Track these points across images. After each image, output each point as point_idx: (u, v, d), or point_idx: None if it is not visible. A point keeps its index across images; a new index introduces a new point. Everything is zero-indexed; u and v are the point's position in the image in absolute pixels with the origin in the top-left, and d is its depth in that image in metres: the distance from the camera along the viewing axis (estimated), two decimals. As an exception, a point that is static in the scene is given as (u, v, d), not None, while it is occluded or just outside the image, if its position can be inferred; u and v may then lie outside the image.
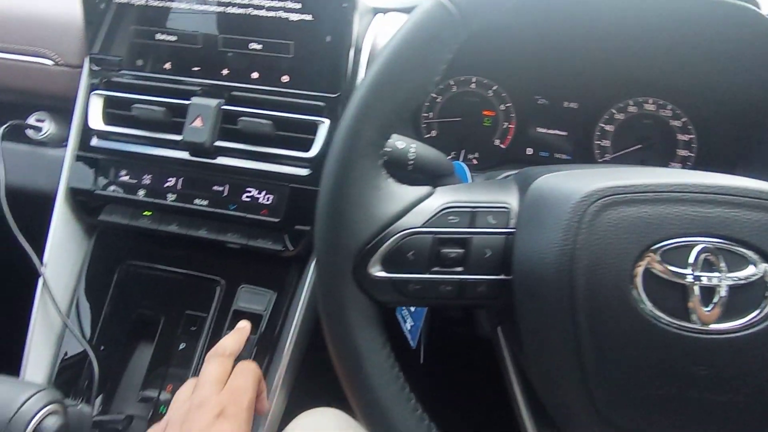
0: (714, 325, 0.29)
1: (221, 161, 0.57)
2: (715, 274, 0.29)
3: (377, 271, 0.33)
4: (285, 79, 0.56)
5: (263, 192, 0.57)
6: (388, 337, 0.35)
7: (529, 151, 0.65)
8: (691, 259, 0.29)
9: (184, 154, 0.58)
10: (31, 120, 0.66)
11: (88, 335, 0.60)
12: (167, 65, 0.59)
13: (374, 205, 0.33)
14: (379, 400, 0.33)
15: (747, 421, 0.30)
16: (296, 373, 0.61)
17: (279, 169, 0.56)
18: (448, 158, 0.49)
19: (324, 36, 0.54)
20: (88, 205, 0.62)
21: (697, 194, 0.30)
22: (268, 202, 0.57)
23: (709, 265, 0.29)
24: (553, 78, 0.63)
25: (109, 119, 0.60)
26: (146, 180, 0.59)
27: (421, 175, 0.47)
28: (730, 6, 0.45)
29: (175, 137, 0.57)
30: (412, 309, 0.56)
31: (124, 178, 0.59)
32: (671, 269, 0.29)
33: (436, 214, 0.34)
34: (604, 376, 0.30)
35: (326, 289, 0.33)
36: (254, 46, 0.56)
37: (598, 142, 0.63)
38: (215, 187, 0.58)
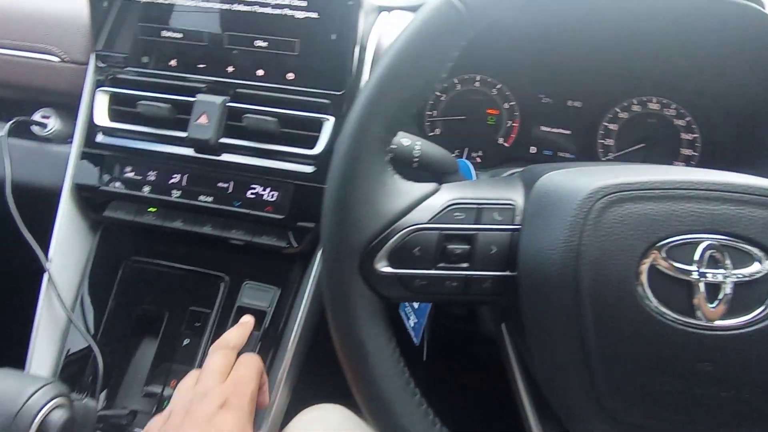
0: (719, 322, 0.29)
1: (226, 158, 0.58)
2: (720, 271, 0.29)
3: (383, 267, 0.33)
4: (290, 76, 0.56)
5: (268, 189, 0.57)
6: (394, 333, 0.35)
7: (533, 149, 0.65)
8: (697, 256, 0.29)
9: (189, 151, 0.58)
10: (37, 116, 0.66)
11: (92, 330, 0.61)
12: (173, 62, 0.59)
13: (381, 201, 0.33)
14: (384, 395, 0.34)
15: (750, 416, 0.30)
16: (300, 370, 0.61)
17: (283, 166, 0.57)
18: (453, 156, 0.49)
19: (329, 34, 0.55)
20: (93, 202, 0.62)
21: (703, 191, 0.30)
22: (273, 199, 0.57)
23: (715, 262, 0.29)
24: (557, 77, 0.63)
25: (115, 116, 0.61)
26: (151, 176, 0.59)
27: (426, 173, 0.47)
28: (735, 5, 0.45)
29: (181, 134, 0.58)
30: (416, 306, 0.56)
31: (129, 175, 0.60)
32: (676, 266, 0.29)
33: (442, 210, 0.34)
34: (608, 371, 0.30)
35: (333, 284, 0.33)
36: (260, 44, 0.56)
37: (602, 140, 0.63)
38: (220, 184, 0.58)
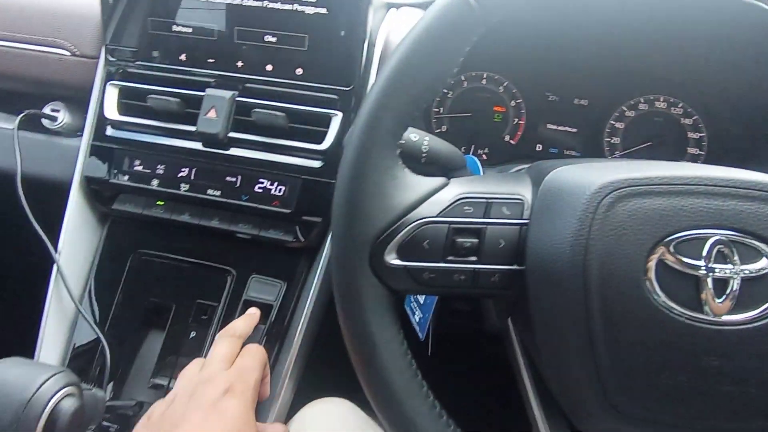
0: (726, 317, 0.29)
1: (234, 152, 0.58)
2: (728, 266, 0.29)
3: (393, 259, 0.34)
4: (299, 71, 0.57)
5: (275, 183, 0.57)
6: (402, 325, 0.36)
7: (539, 147, 0.65)
8: (705, 252, 0.30)
9: (197, 145, 0.59)
10: (47, 110, 0.67)
11: (100, 322, 0.61)
12: (182, 57, 0.59)
13: (391, 195, 0.33)
14: (392, 386, 0.34)
15: (756, 412, 0.30)
16: (305, 363, 0.61)
17: (291, 161, 0.57)
18: (461, 152, 0.50)
19: (338, 30, 0.55)
20: (102, 194, 0.63)
21: (712, 187, 0.30)
22: (280, 194, 0.57)
23: (723, 258, 0.30)
24: (564, 75, 0.63)
25: (124, 109, 0.61)
26: (160, 170, 0.60)
27: (434, 168, 0.47)
28: (742, 5, 0.45)
29: (189, 128, 0.58)
30: (421, 301, 0.56)
31: (138, 168, 0.60)
32: (685, 261, 0.30)
33: (452, 204, 0.34)
34: (615, 365, 0.31)
35: (342, 276, 0.34)
36: (269, 39, 0.57)
37: (608, 139, 0.63)
38: (228, 178, 0.58)
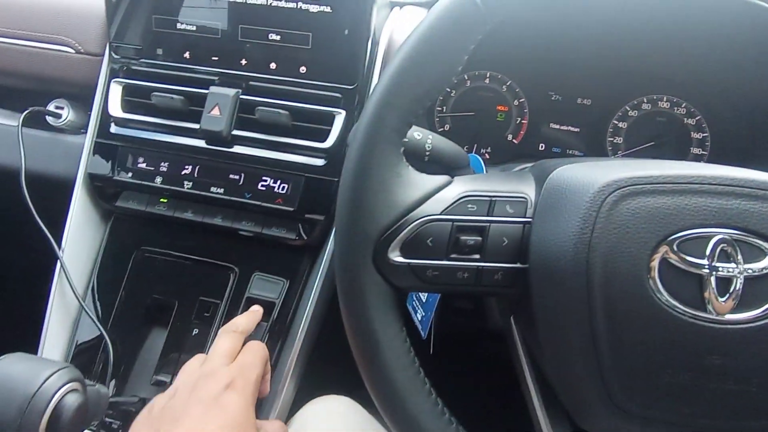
0: (729, 316, 0.30)
1: (238, 150, 0.58)
2: (731, 265, 0.30)
3: (396, 257, 0.34)
4: (303, 70, 0.57)
5: (278, 181, 0.57)
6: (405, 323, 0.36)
7: (542, 147, 0.65)
8: (708, 250, 0.30)
9: (201, 143, 0.59)
10: (51, 107, 0.67)
11: (103, 319, 0.61)
12: (186, 54, 0.60)
13: (395, 192, 0.34)
14: (395, 383, 0.34)
15: (758, 410, 0.30)
16: (307, 361, 0.61)
17: (295, 159, 0.57)
18: (464, 150, 0.50)
19: (342, 28, 0.55)
20: (106, 191, 0.63)
21: (716, 186, 0.30)
22: (283, 192, 0.57)
23: (726, 256, 0.30)
24: (567, 74, 0.63)
25: (128, 107, 0.61)
26: (163, 167, 0.60)
27: (437, 166, 0.47)
28: (746, 5, 0.45)
29: (193, 126, 0.58)
30: (423, 300, 0.56)
31: (142, 165, 0.60)
32: (688, 259, 0.30)
33: (455, 202, 0.34)
34: (618, 363, 0.31)
35: (346, 273, 0.34)
36: (273, 37, 0.57)
37: (611, 138, 0.63)
38: (231, 176, 0.58)
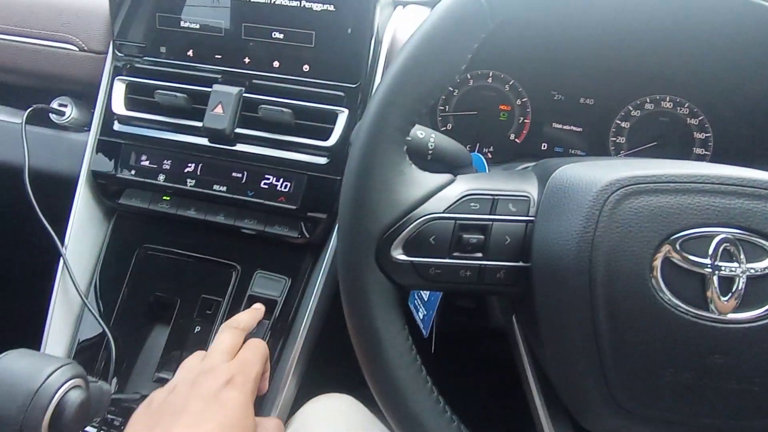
0: (731, 315, 0.30)
1: (240, 148, 0.58)
2: (734, 265, 0.29)
3: (399, 255, 0.34)
4: (306, 68, 0.57)
5: (281, 179, 0.58)
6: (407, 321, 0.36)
7: (544, 146, 0.65)
8: (711, 250, 0.30)
9: (204, 141, 0.59)
10: (55, 104, 0.67)
11: (105, 316, 0.62)
12: (190, 53, 0.60)
13: (398, 190, 0.34)
14: (397, 381, 0.34)
15: (760, 410, 0.30)
16: (308, 359, 0.62)
17: (297, 158, 0.57)
18: (466, 149, 0.50)
19: (345, 26, 0.55)
20: (109, 189, 0.63)
21: (719, 185, 0.30)
22: (286, 190, 0.57)
23: (729, 256, 0.30)
24: (570, 74, 0.63)
25: (132, 105, 0.62)
26: (166, 165, 0.60)
27: (439, 165, 0.47)
28: (748, 4, 0.45)
29: (196, 123, 0.58)
30: (425, 298, 0.56)
31: (145, 163, 0.61)
32: (691, 259, 0.30)
33: (458, 200, 0.35)
34: (620, 362, 0.31)
35: (348, 271, 0.34)
36: (276, 36, 0.57)
37: (614, 138, 0.63)
38: (234, 174, 0.59)
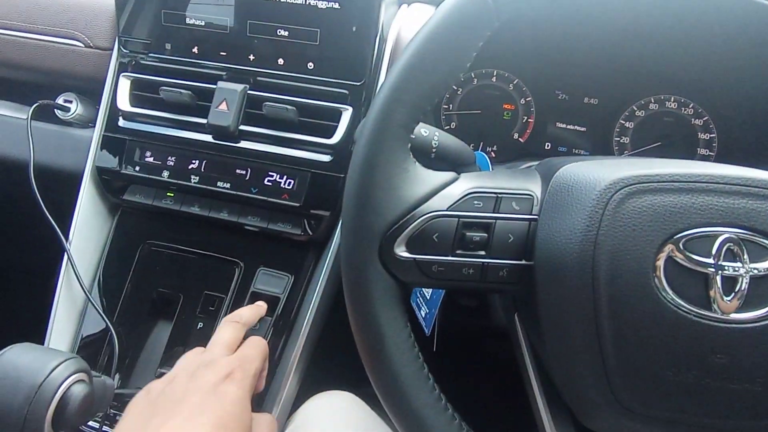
0: (734, 315, 0.30)
1: (244, 145, 0.58)
2: (737, 265, 0.29)
3: (402, 252, 0.34)
4: (310, 66, 0.57)
5: (285, 177, 0.58)
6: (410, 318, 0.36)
7: (548, 146, 0.65)
8: (714, 249, 0.30)
9: (208, 137, 0.59)
10: (60, 100, 0.67)
11: (109, 312, 0.62)
12: (195, 49, 0.60)
13: (402, 187, 0.34)
14: (398, 377, 0.34)
15: (763, 410, 0.30)
16: (310, 356, 0.62)
17: (301, 155, 0.57)
18: (470, 148, 0.50)
19: (350, 24, 0.55)
20: (113, 185, 0.63)
21: (722, 185, 0.30)
22: (290, 187, 0.58)
23: (732, 256, 0.30)
24: (575, 73, 0.63)
25: (136, 101, 0.62)
26: (171, 161, 0.60)
27: (443, 163, 0.47)
28: (752, 4, 0.45)
29: (201, 120, 0.59)
30: (427, 296, 0.56)
31: (149, 159, 0.61)
32: (694, 258, 0.30)
33: (462, 198, 0.35)
34: (622, 361, 0.31)
35: (351, 268, 0.34)
36: (281, 33, 0.57)
37: (618, 138, 0.63)
38: (238, 171, 0.59)
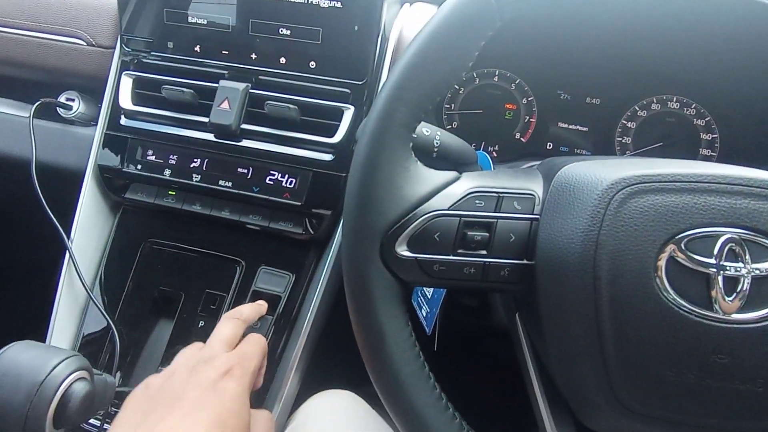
0: (735, 315, 0.29)
1: (246, 144, 0.59)
2: (739, 265, 0.29)
3: (403, 251, 0.34)
4: (312, 65, 0.57)
5: (286, 175, 0.58)
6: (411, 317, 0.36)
7: (550, 145, 0.65)
8: (716, 250, 0.30)
9: (210, 136, 0.59)
10: (62, 99, 0.67)
11: (110, 310, 0.62)
12: (197, 48, 0.60)
13: (403, 186, 0.34)
14: (399, 376, 0.34)
15: (764, 410, 0.30)
16: (311, 355, 0.62)
17: (303, 154, 0.57)
18: (472, 147, 0.50)
19: (352, 23, 0.55)
20: (115, 183, 0.63)
21: (725, 185, 0.30)
22: (291, 186, 0.58)
23: (734, 256, 0.30)
24: (577, 73, 0.63)
25: (139, 99, 0.62)
26: (172, 160, 0.60)
27: (445, 163, 0.47)
28: (757, 5, 0.45)
29: (203, 119, 0.59)
30: (429, 296, 0.56)
31: (151, 158, 0.61)
32: (696, 258, 0.30)
33: (463, 197, 0.35)
34: (623, 361, 0.31)
35: (353, 266, 0.34)
36: (283, 32, 0.57)
37: (620, 138, 0.63)
38: (239, 169, 0.59)
